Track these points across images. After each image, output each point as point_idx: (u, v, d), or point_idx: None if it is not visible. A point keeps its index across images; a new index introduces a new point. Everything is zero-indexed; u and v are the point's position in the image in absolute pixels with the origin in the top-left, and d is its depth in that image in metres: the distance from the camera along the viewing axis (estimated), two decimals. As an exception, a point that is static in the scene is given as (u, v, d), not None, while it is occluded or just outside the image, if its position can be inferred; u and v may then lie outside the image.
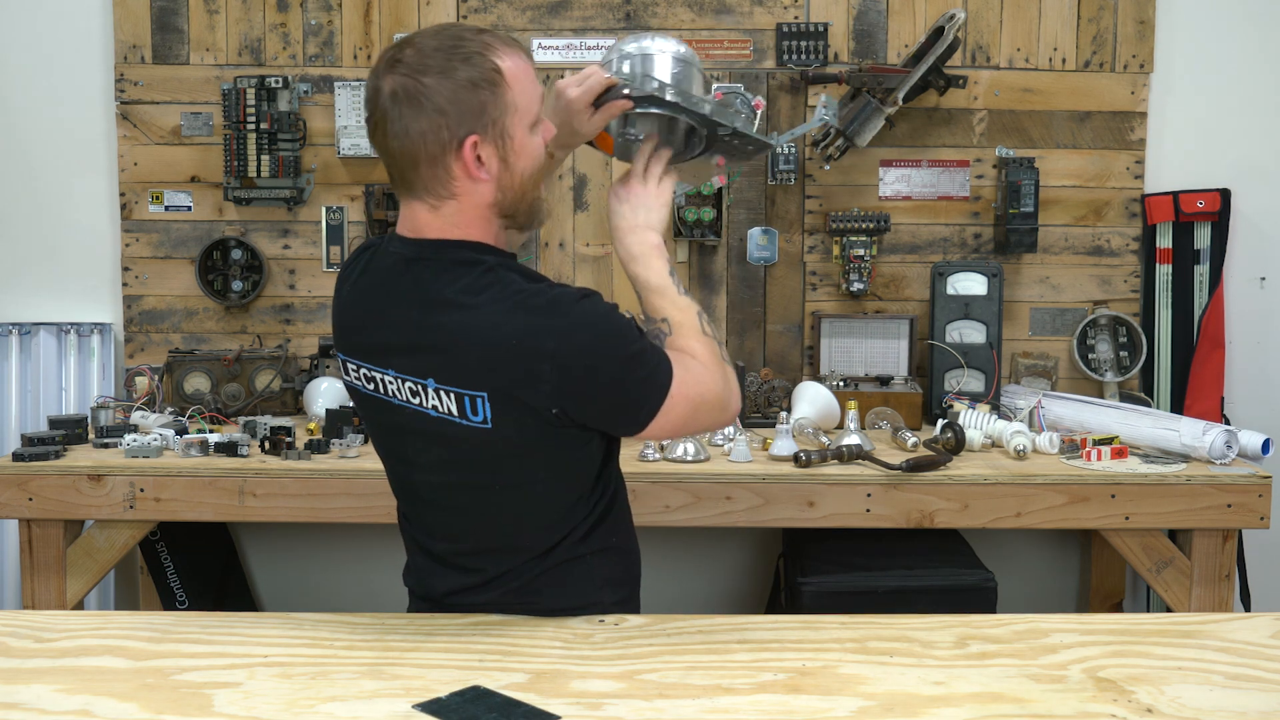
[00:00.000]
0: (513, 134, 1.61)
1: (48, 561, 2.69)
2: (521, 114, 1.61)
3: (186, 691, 1.37)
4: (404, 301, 1.64)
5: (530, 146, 1.63)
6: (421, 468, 1.73)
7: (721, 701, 1.36)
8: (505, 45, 1.61)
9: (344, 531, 3.36)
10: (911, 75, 3.06)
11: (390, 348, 1.65)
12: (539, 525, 1.70)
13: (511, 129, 1.60)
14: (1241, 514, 2.60)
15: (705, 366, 1.68)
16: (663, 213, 1.79)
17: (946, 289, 3.20)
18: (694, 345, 1.70)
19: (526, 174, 1.64)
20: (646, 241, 1.76)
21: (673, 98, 1.77)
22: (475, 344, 1.57)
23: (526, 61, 1.63)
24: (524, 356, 1.55)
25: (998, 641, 1.55)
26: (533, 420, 1.59)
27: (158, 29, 3.29)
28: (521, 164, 1.63)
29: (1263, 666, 1.46)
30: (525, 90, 1.61)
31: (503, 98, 1.59)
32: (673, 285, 1.74)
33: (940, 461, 2.65)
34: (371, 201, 3.27)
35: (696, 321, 1.72)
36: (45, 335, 3.35)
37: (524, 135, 1.62)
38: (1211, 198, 3.26)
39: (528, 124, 1.62)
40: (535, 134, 1.64)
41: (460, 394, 1.59)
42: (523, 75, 1.61)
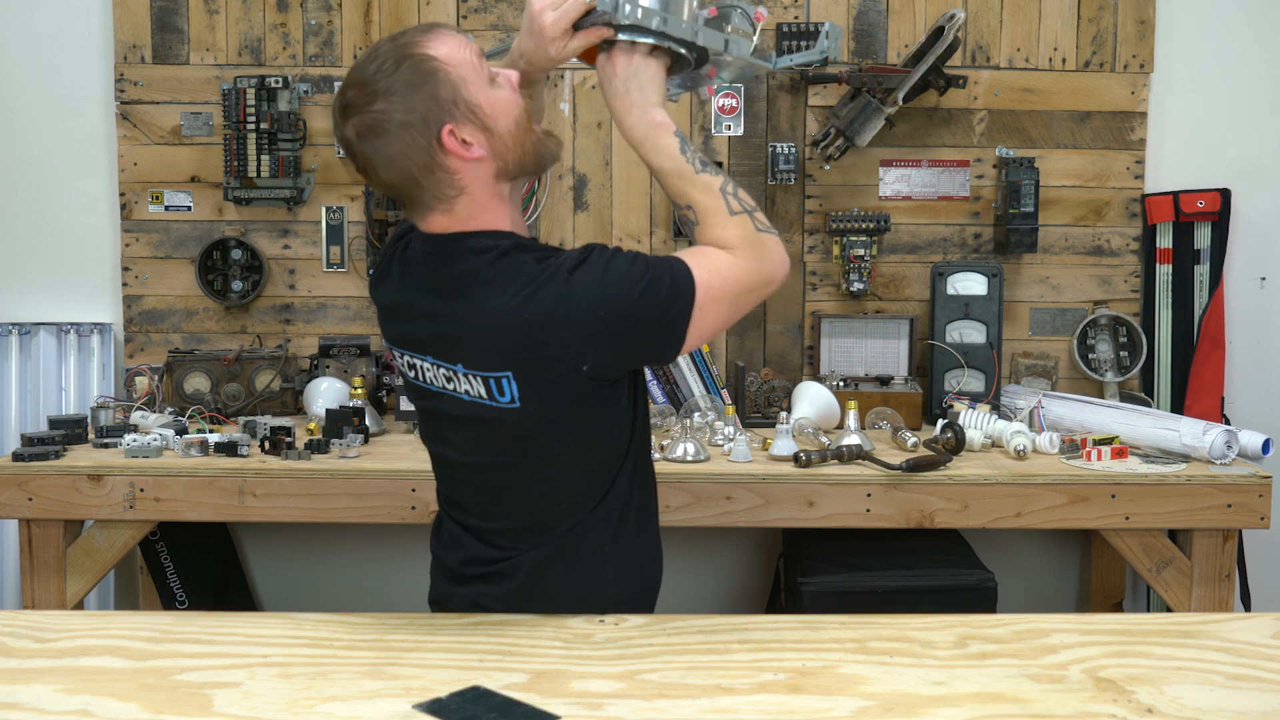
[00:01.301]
0: (478, 102, 1.63)
1: (48, 561, 2.69)
2: (471, 83, 1.63)
3: (186, 691, 1.37)
4: (428, 293, 1.69)
5: (500, 101, 1.65)
6: (456, 448, 1.77)
7: (721, 701, 1.36)
8: (424, 35, 1.64)
9: (344, 531, 3.36)
10: (911, 75, 3.06)
11: (424, 336, 1.71)
12: (566, 503, 1.73)
13: (475, 99, 1.63)
14: (1241, 514, 2.60)
15: (734, 255, 1.65)
16: (657, 85, 1.70)
17: (946, 289, 3.20)
18: (723, 232, 1.66)
19: (511, 128, 1.66)
20: (648, 119, 1.69)
21: (658, 26, 1.66)
22: (493, 326, 1.61)
23: (449, 34, 1.65)
24: (541, 329, 1.59)
25: (998, 641, 1.55)
26: (561, 391, 1.64)
27: (158, 29, 3.29)
28: (502, 123, 1.65)
29: (1263, 666, 1.46)
30: (461, 60, 1.63)
31: (447, 79, 1.61)
32: (688, 163, 1.68)
33: (940, 461, 2.65)
34: (371, 201, 3.27)
35: (722, 202, 1.67)
36: (45, 335, 3.35)
37: (487, 97, 1.64)
38: (1211, 198, 3.26)
39: (484, 86, 1.64)
40: (497, 88, 1.65)
41: (486, 377, 1.64)
42: (453, 49, 1.63)
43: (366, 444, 2.83)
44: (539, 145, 1.70)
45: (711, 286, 1.63)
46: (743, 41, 1.82)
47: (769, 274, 1.68)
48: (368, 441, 2.86)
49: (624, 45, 1.69)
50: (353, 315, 3.35)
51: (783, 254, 1.70)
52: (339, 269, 3.33)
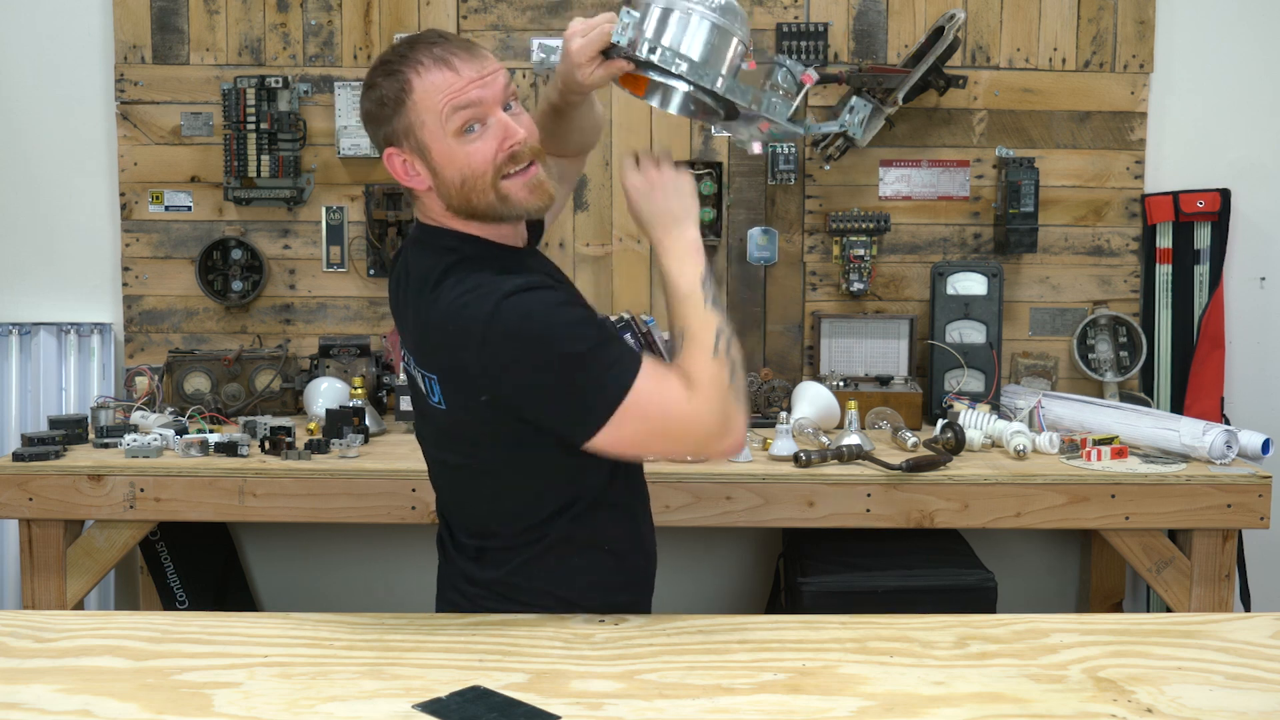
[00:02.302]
0: (429, 145, 1.62)
1: (48, 561, 2.69)
2: (431, 129, 1.61)
3: (186, 691, 1.37)
4: (401, 282, 1.74)
5: (457, 155, 1.61)
6: (423, 438, 1.82)
7: (721, 701, 1.36)
8: (426, 56, 1.61)
9: (344, 531, 3.36)
10: (911, 75, 3.06)
11: (406, 325, 1.75)
12: (509, 512, 1.71)
13: (427, 141, 1.62)
14: (1241, 514, 2.60)
15: (694, 390, 1.55)
16: (695, 199, 1.70)
17: (946, 289, 3.20)
18: (696, 367, 1.57)
19: (457, 180, 1.63)
20: (686, 238, 1.67)
21: (681, 71, 1.61)
22: (428, 327, 1.64)
23: (448, 68, 1.60)
24: (456, 341, 1.58)
25: (998, 641, 1.55)
26: (476, 404, 1.62)
27: (158, 29, 3.29)
28: (448, 172, 1.63)
29: (1263, 666, 1.46)
30: (434, 105, 1.60)
31: (407, 115, 1.61)
32: (701, 293, 1.62)
33: (940, 461, 2.65)
34: (371, 201, 3.27)
35: (712, 340, 1.59)
36: (45, 335, 3.35)
37: (444, 146, 1.61)
38: (1211, 198, 3.26)
39: (447, 134, 1.60)
40: (467, 141, 1.61)
41: (423, 375, 1.69)
42: (434, 90, 1.60)
43: (366, 444, 2.83)
44: (496, 203, 1.64)
45: (647, 401, 1.53)
46: (778, 103, 1.71)
47: (715, 433, 1.57)
48: (368, 441, 2.86)
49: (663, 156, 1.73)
50: (353, 315, 3.35)
51: (741, 432, 1.59)
52: (339, 269, 3.33)
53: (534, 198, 1.66)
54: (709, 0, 1.65)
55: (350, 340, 3.22)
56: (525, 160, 1.64)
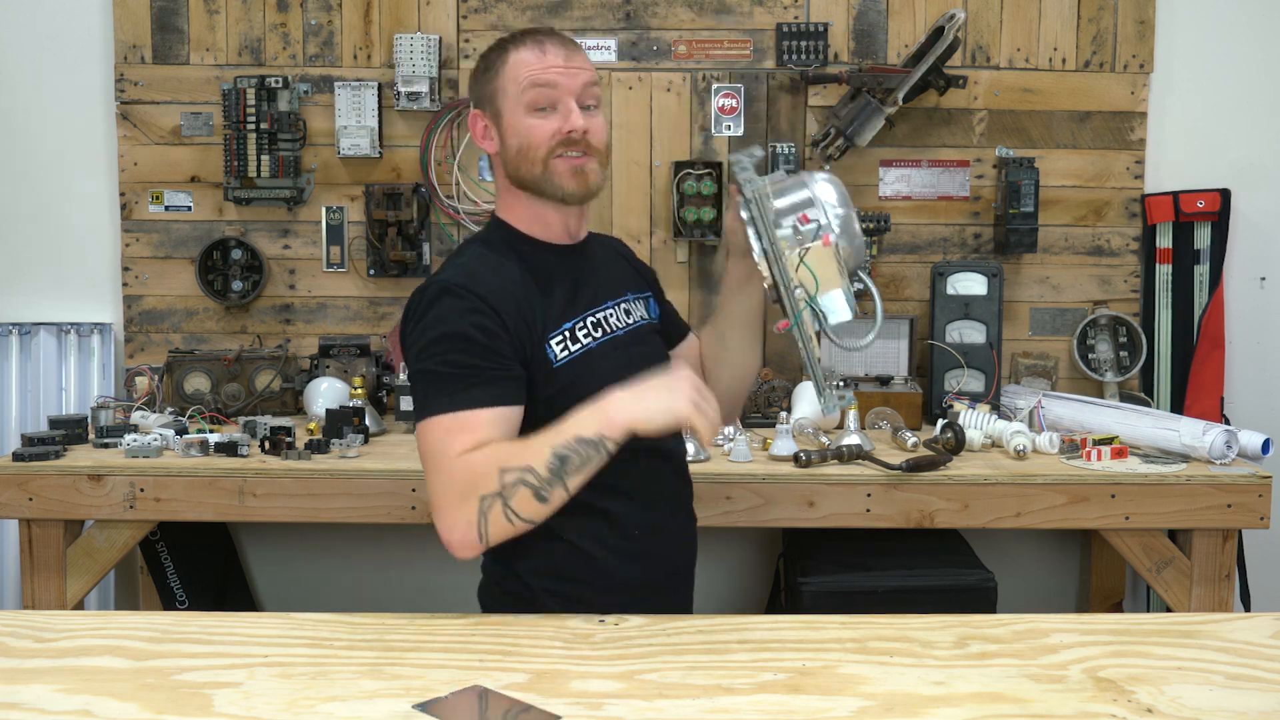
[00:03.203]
0: (503, 112, 1.81)
1: (48, 561, 2.69)
2: (510, 97, 1.79)
3: (186, 691, 1.37)
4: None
5: (521, 126, 1.79)
6: None
7: (721, 701, 1.36)
8: (531, 43, 1.80)
9: (344, 531, 3.36)
10: (911, 75, 3.06)
11: None
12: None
13: (502, 108, 1.81)
14: (1241, 514, 2.60)
15: (460, 474, 1.62)
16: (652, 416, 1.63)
17: (946, 289, 3.20)
18: (482, 464, 1.61)
19: (516, 148, 1.80)
20: (618, 419, 1.63)
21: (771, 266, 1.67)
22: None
23: (539, 53, 1.78)
24: (406, 310, 1.78)
25: (998, 641, 1.55)
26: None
27: (158, 29, 3.29)
28: (511, 140, 1.80)
29: (1263, 666, 1.46)
30: (517, 76, 1.78)
31: (494, 81, 1.81)
32: (559, 450, 1.61)
33: (940, 461, 2.65)
34: (371, 201, 3.27)
35: (522, 480, 1.61)
36: (45, 335, 3.36)
37: (514, 118, 1.79)
38: (1211, 198, 3.26)
39: (520, 109, 1.78)
40: (531, 115, 1.78)
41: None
42: (521, 64, 1.79)
43: (366, 444, 2.83)
44: (542, 178, 1.80)
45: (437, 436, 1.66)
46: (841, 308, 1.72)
47: (438, 511, 1.65)
48: (368, 441, 2.86)
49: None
50: (353, 315, 3.35)
51: (454, 539, 1.64)
52: (339, 269, 3.33)
53: (574, 181, 1.80)
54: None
55: (350, 340, 3.22)
56: (579, 149, 1.79)
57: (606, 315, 1.88)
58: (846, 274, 1.68)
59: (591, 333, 1.84)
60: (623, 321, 1.90)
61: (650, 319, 2.00)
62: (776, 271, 1.64)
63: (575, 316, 1.83)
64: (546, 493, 1.61)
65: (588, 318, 1.85)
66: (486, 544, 1.64)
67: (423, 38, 3.21)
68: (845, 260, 1.70)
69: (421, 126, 3.28)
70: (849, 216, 1.71)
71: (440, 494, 1.65)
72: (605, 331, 1.86)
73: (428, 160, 3.28)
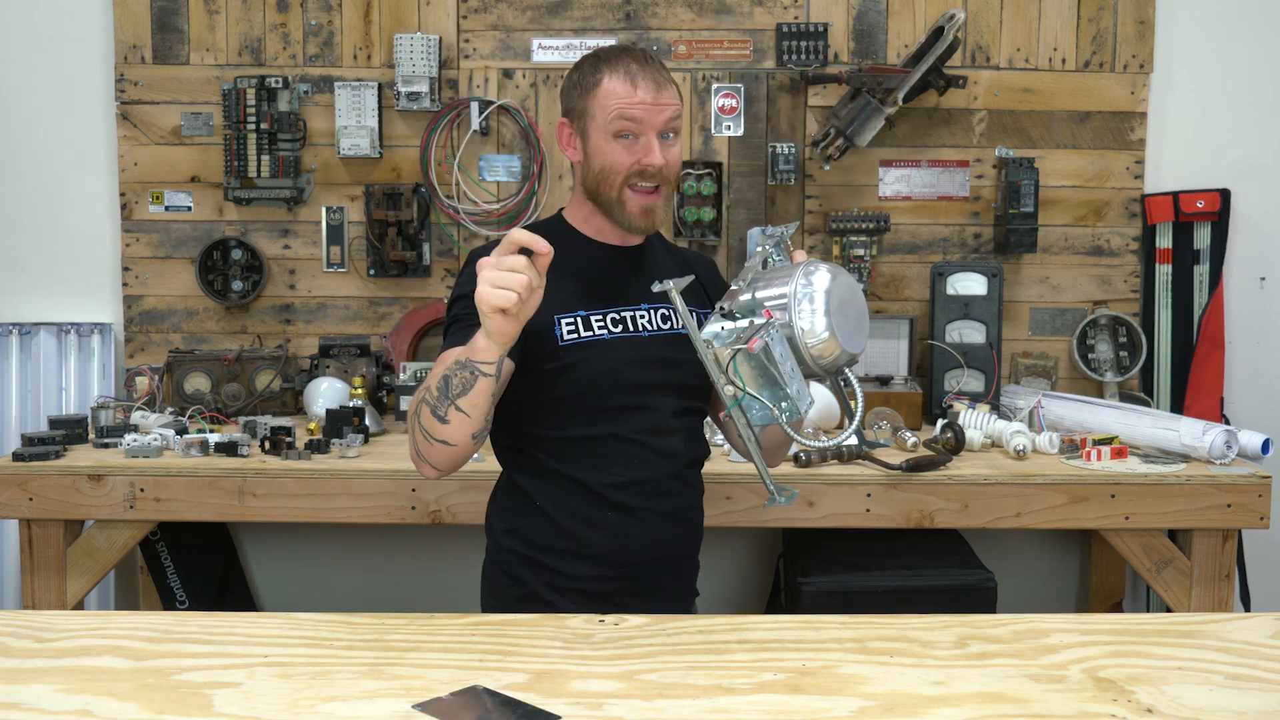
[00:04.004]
0: (590, 133, 1.93)
1: (48, 561, 2.69)
2: (597, 122, 1.91)
3: (186, 691, 1.37)
4: None
5: (605, 150, 1.91)
6: None
7: (721, 701, 1.36)
8: (624, 73, 1.90)
9: (344, 531, 3.36)
10: (911, 75, 3.06)
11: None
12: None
13: (589, 129, 1.93)
14: (1241, 514, 2.60)
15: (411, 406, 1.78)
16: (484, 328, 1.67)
17: (946, 289, 3.20)
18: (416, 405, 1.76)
19: (598, 169, 1.92)
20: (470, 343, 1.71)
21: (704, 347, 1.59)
22: None
23: (630, 88, 1.89)
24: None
25: (998, 641, 1.55)
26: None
27: (158, 29, 3.29)
28: (595, 160, 1.93)
29: (1263, 666, 1.46)
30: (607, 106, 1.90)
31: (586, 101, 1.93)
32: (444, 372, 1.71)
33: (940, 461, 2.65)
34: (371, 201, 3.27)
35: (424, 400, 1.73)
36: (45, 335, 3.35)
37: (599, 140, 1.91)
38: (1211, 198, 3.26)
39: (605, 134, 1.90)
40: (615, 143, 1.90)
41: None
42: (613, 94, 1.90)
43: (366, 444, 2.83)
44: (618, 205, 1.93)
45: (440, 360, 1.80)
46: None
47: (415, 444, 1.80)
48: (368, 441, 2.86)
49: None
50: (353, 315, 3.35)
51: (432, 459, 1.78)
52: (339, 269, 3.34)
53: (641, 219, 1.94)
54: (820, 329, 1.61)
55: (350, 340, 3.22)
56: (652, 183, 1.92)
57: (635, 315, 1.97)
58: (794, 377, 1.58)
59: (610, 327, 1.94)
60: (655, 326, 1.98)
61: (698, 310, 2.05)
62: (708, 364, 1.59)
63: (596, 308, 1.94)
64: (441, 410, 1.71)
65: (609, 314, 1.95)
66: (428, 463, 1.78)
67: (423, 38, 3.21)
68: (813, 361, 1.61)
69: (421, 126, 3.28)
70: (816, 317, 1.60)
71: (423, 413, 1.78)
72: (627, 329, 1.95)
73: (428, 160, 3.28)
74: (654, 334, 1.98)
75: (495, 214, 3.30)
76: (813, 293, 1.62)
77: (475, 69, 3.28)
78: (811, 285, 1.63)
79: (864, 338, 1.71)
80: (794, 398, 1.58)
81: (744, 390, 1.58)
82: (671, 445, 1.98)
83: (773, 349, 1.57)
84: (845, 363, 1.66)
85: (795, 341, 1.61)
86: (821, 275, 1.64)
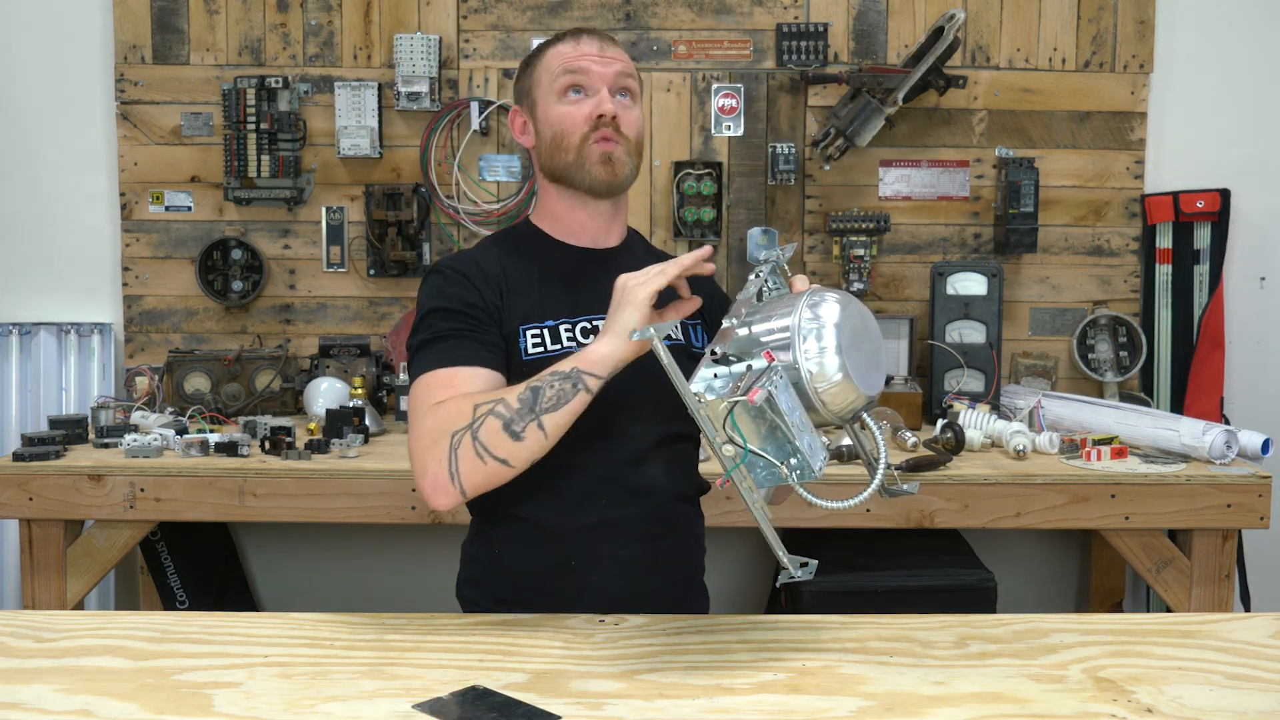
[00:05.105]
0: (538, 102, 1.81)
1: (48, 561, 2.69)
2: (543, 87, 1.80)
3: (186, 691, 1.37)
4: None
5: (554, 114, 1.78)
6: None
7: (721, 701, 1.36)
8: (569, 38, 1.80)
9: (344, 531, 3.36)
10: (911, 75, 3.06)
11: None
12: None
13: (538, 99, 1.81)
14: (1241, 514, 2.60)
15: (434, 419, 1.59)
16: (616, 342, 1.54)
17: (946, 289, 3.20)
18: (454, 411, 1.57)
19: (550, 137, 1.79)
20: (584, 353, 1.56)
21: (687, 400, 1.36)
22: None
23: (573, 44, 1.79)
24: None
25: (998, 641, 1.55)
26: None
27: (158, 29, 3.29)
28: (545, 129, 1.80)
29: (1263, 666, 1.46)
30: (551, 66, 1.79)
31: (531, 75, 1.83)
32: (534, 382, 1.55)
33: (940, 461, 2.65)
34: (371, 201, 3.27)
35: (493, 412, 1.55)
36: (45, 335, 3.35)
37: (548, 104, 1.79)
38: (1211, 198, 3.26)
39: (553, 96, 1.78)
40: (564, 101, 1.78)
41: None
42: (556, 55, 1.79)
43: (366, 444, 2.83)
44: (578, 166, 1.77)
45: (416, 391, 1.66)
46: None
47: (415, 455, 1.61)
48: (368, 441, 2.86)
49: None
50: (353, 315, 3.35)
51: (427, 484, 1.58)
52: (339, 269, 3.33)
53: (602, 169, 1.77)
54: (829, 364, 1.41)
55: (350, 340, 3.22)
56: (609, 134, 1.76)
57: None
58: (803, 429, 1.37)
59: (579, 339, 1.73)
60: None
61: (678, 342, 1.82)
62: (700, 421, 1.36)
63: (564, 317, 1.74)
64: (518, 425, 1.52)
65: (580, 323, 1.74)
66: (460, 487, 1.55)
67: (423, 38, 3.21)
68: (824, 408, 1.42)
69: (421, 126, 3.28)
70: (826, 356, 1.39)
71: (414, 441, 1.61)
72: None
73: (428, 160, 3.28)
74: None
75: (495, 214, 3.30)
76: (820, 328, 1.40)
77: (475, 69, 3.28)
78: (819, 319, 1.41)
79: (881, 375, 1.51)
80: (805, 454, 1.37)
81: (745, 449, 1.36)
82: (650, 479, 1.75)
83: (777, 399, 1.34)
84: (863, 407, 1.45)
85: (802, 386, 1.40)
86: (829, 307, 1.42)
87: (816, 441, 1.40)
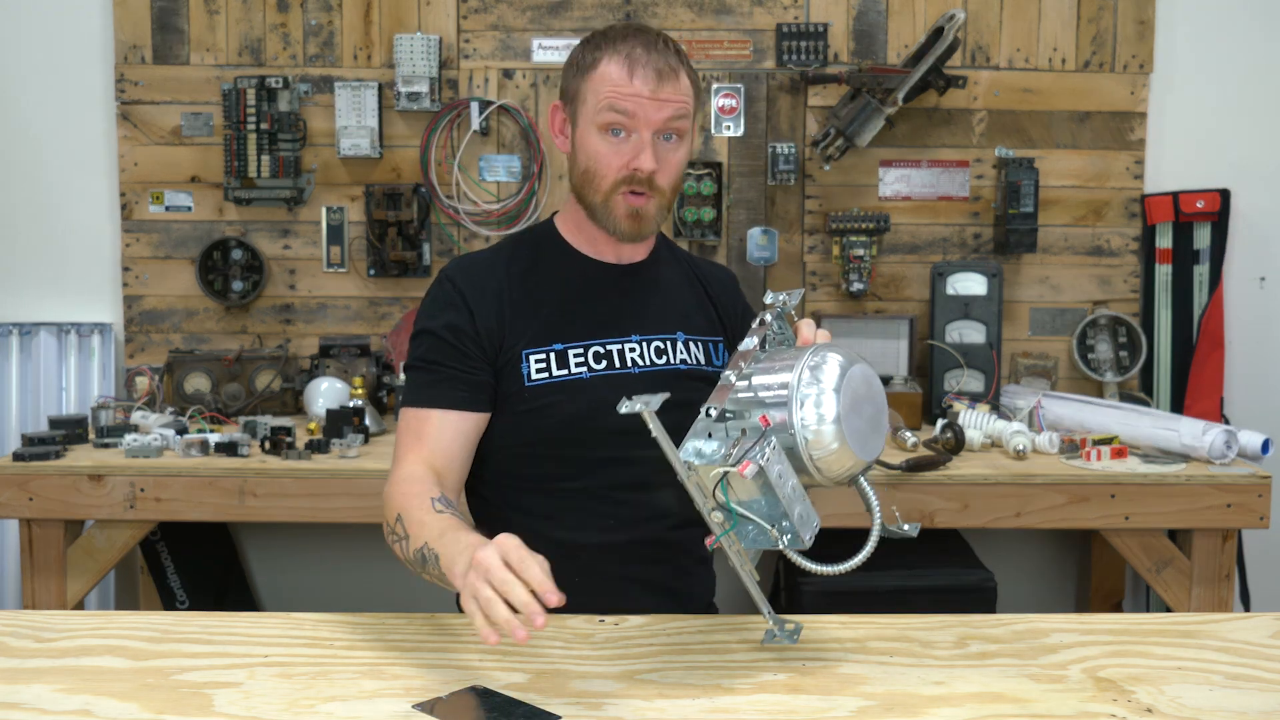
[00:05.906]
0: (579, 121, 1.71)
1: (48, 561, 2.69)
2: (587, 108, 1.68)
3: (186, 691, 1.37)
4: None
5: (590, 146, 1.68)
6: None
7: (721, 701, 1.36)
8: (624, 57, 1.66)
9: (344, 531, 3.36)
10: (911, 75, 3.06)
11: None
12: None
13: (579, 116, 1.71)
14: (1241, 514, 2.60)
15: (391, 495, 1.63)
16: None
17: (946, 289, 3.20)
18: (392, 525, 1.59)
19: (583, 167, 1.70)
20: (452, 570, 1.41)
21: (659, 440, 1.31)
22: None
23: (627, 74, 1.65)
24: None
25: (998, 641, 1.55)
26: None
27: (158, 29, 3.29)
28: (580, 155, 1.71)
29: (1263, 666, 1.46)
30: (598, 91, 1.66)
31: (580, 84, 1.70)
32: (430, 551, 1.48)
33: (940, 461, 2.65)
34: (371, 201, 3.27)
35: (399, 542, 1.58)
36: (45, 335, 3.35)
37: (587, 131, 1.69)
38: (1211, 198, 3.26)
39: (593, 125, 1.67)
40: (603, 138, 1.67)
41: None
42: (606, 80, 1.66)
43: (366, 444, 2.83)
44: (604, 210, 1.70)
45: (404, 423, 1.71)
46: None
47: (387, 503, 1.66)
48: (368, 441, 2.86)
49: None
50: (353, 315, 3.35)
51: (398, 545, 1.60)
52: (339, 269, 3.34)
53: (627, 224, 1.70)
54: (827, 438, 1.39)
55: (350, 340, 3.22)
56: (642, 189, 1.67)
57: (624, 349, 1.72)
58: (795, 500, 1.36)
59: (590, 363, 1.69)
60: (647, 360, 1.73)
61: (697, 364, 1.77)
62: (690, 490, 1.34)
63: (574, 340, 1.70)
64: (411, 566, 1.57)
65: (592, 347, 1.70)
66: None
67: (423, 38, 3.21)
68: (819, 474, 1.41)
69: (421, 127, 3.28)
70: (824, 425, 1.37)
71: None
72: (613, 366, 1.71)
73: (428, 160, 3.28)
74: (646, 370, 1.72)
75: (495, 214, 3.30)
76: (820, 392, 1.37)
77: (475, 69, 3.28)
78: (819, 382, 1.38)
79: (881, 439, 1.47)
80: (795, 523, 1.35)
81: (735, 518, 1.34)
82: (660, 504, 1.72)
83: (769, 471, 1.30)
84: (860, 472, 1.44)
85: (796, 451, 1.36)
86: (830, 369, 1.39)
87: (809, 511, 1.39)
